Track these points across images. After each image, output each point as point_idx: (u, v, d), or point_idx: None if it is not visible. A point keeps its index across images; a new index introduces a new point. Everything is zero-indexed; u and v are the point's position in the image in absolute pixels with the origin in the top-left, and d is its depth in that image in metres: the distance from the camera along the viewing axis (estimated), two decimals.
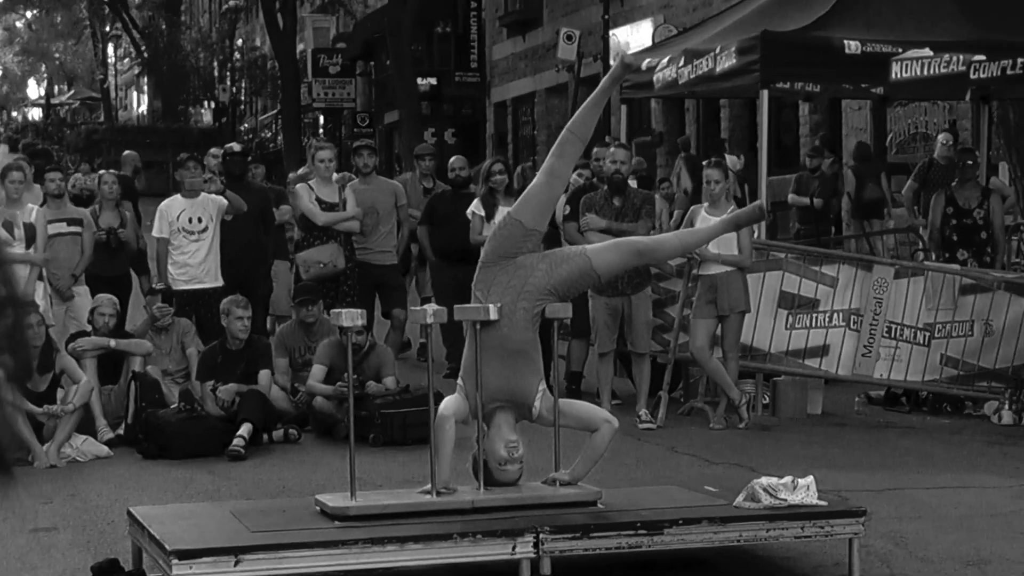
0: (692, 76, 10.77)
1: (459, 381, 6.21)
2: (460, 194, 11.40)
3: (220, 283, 10.41)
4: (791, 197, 14.08)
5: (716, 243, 9.62)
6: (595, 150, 10.89)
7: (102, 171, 13.68)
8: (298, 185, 11.41)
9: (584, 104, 6.48)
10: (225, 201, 10.61)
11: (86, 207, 11.52)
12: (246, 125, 48.80)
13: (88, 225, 10.75)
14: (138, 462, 8.64)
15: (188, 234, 10.43)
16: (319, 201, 10.93)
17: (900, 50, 10.15)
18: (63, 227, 10.51)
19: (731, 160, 14.45)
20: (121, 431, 9.12)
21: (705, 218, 9.75)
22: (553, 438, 6.21)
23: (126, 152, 16.99)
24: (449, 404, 6.15)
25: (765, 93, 10.26)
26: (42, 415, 8.61)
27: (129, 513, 6.10)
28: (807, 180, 14.35)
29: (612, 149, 10.22)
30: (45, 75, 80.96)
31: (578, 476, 6.17)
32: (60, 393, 8.77)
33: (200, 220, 10.46)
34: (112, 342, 9.47)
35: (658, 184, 15.55)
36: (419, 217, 11.74)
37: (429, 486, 5.97)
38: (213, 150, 12.04)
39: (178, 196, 10.64)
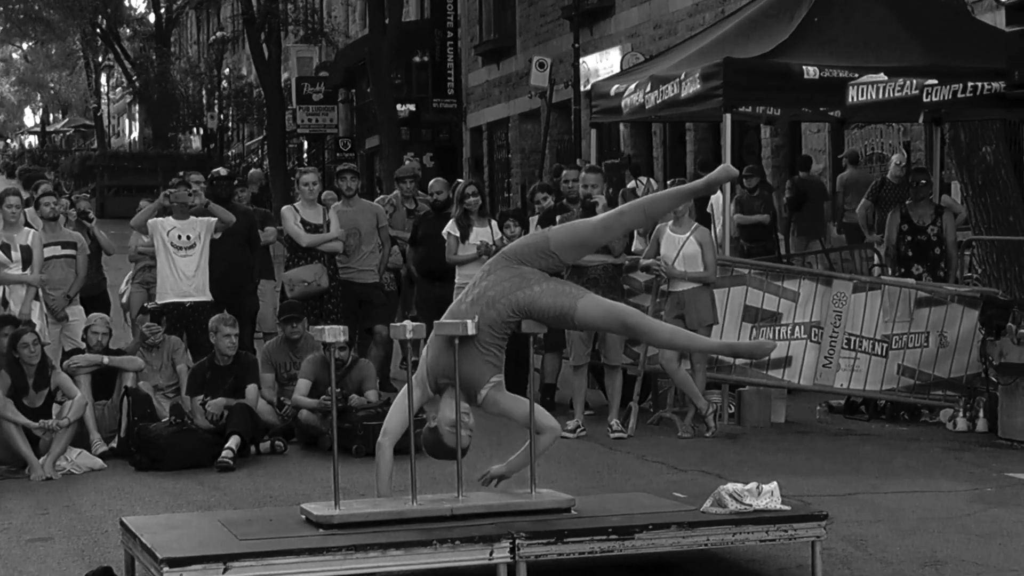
0: (659, 101, 10.79)
1: (423, 351, 6.30)
2: (441, 215, 11.46)
3: (208, 298, 10.52)
4: (738, 218, 13.96)
5: (682, 260, 9.83)
6: (564, 172, 11.05)
7: (75, 195, 13.97)
8: (283, 208, 11.64)
9: (671, 190, 6.55)
10: (213, 219, 10.72)
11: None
12: (233, 151, 48.86)
13: (82, 248, 10.85)
14: (131, 474, 8.74)
15: (176, 249, 10.55)
16: (304, 223, 11.09)
17: (856, 75, 10.20)
18: (58, 250, 10.60)
19: (641, 183, 14.45)
20: (114, 444, 9.24)
21: (670, 236, 9.87)
22: (528, 445, 6.29)
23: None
24: (387, 428, 6.25)
25: (728, 117, 10.30)
26: (38, 429, 8.73)
27: (122, 523, 6.15)
28: (747, 200, 14.30)
29: (583, 173, 10.30)
30: (40, 104, 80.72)
31: (513, 469, 6.40)
32: (56, 408, 8.87)
33: (188, 238, 10.57)
34: (105, 359, 9.53)
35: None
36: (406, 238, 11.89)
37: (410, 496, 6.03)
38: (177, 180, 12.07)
39: (170, 216, 10.73)
